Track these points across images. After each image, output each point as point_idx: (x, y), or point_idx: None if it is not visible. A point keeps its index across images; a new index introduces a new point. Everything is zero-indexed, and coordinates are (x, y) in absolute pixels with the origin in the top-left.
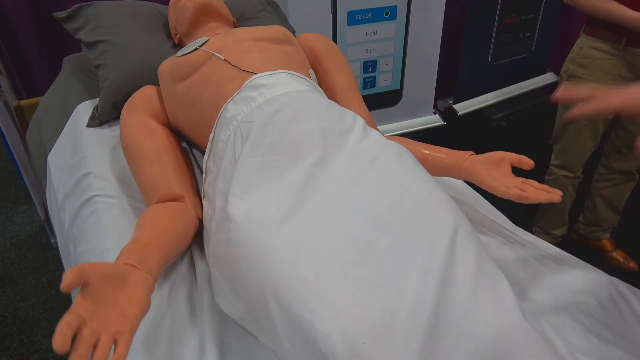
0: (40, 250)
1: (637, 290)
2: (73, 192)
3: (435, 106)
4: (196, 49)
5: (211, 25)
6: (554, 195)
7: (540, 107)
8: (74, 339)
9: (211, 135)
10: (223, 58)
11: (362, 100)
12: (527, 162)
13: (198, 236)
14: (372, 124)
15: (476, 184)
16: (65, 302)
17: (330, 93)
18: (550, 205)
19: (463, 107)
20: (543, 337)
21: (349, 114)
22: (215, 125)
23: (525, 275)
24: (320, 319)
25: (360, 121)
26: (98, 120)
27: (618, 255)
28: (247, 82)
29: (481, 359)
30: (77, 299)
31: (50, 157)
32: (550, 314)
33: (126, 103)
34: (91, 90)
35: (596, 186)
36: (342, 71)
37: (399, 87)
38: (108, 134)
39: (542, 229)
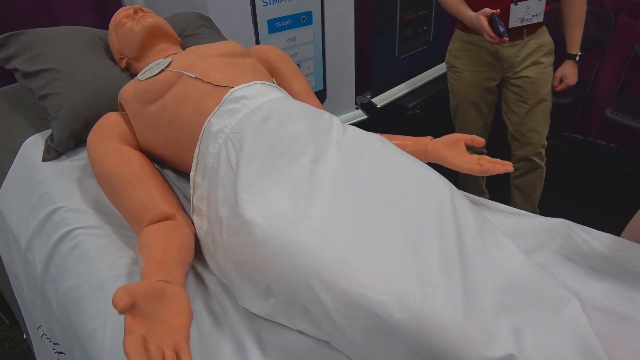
0: None
1: (579, 225)
2: (41, 230)
3: (356, 102)
4: (163, 70)
5: (162, 46)
6: (507, 166)
7: (445, 92)
8: None
9: (196, 150)
10: (194, 76)
11: (319, 102)
12: (478, 141)
13: (196, 250)
14: None
15: (440, 163)
16: (12, 358)
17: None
18: (468, 181)
19: (380, 100)
20: (542, 269)
21: (324, 114)
22: (199, 141)
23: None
24: (370, 289)
25: (336, 119)
26: (55, 151)
27: None
28: (227, 95)
29: (504, 292)
30: (127, 319)
31: None
32: (532, 253)
33: (92, 133)
34: (36, 123)
35: (510, 176)
36: (298, 77)
37: (322, 88)
38: (69, 166)
39: None
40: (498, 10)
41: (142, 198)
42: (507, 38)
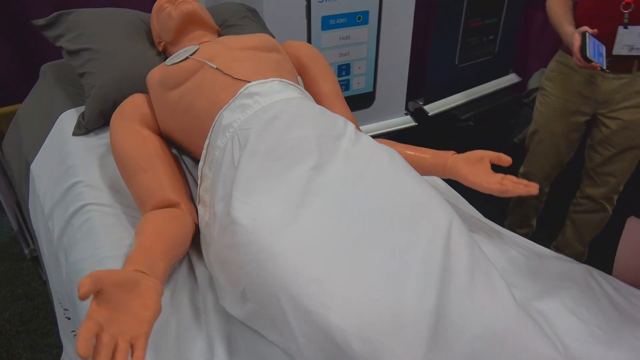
0: (13, 262)
1: (606, 274)
2: (62, 201)
3: (406, 107)
4: (187, 57)
5: (197, 33)
6: (532, 188)
7: (505, 107)
8: None
9: (206, 142)
10: (215, 67)
11: (347, 106)
12: (505, 160)
13: (195, 241)
14: (358, 128)
15: (459, 181)
16: (43, 313)
17: (317, 99)
18: (515, 210)
19: (433, 108)
20: (534, 322)
21: (340, 119)
22: (210, 132)
23: (508, 266)
24: (334, 313)
25: (351, 126)
26: (84, 128)
27: None
28: (242, 90)
29: (481, 342)
30: (92, 305)
31: (33, 166)
32: (536, 300)
33: (116, 112)
34: (75, 98)
35: (570, 209)
36: (327, 78)
37: (372, 90)
38: (95, 142)
39: (508, 229)
40: (595, 30)
41: (151, 182)
42: (600, 65)
